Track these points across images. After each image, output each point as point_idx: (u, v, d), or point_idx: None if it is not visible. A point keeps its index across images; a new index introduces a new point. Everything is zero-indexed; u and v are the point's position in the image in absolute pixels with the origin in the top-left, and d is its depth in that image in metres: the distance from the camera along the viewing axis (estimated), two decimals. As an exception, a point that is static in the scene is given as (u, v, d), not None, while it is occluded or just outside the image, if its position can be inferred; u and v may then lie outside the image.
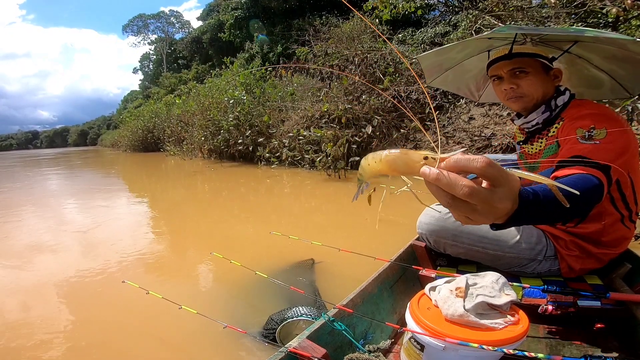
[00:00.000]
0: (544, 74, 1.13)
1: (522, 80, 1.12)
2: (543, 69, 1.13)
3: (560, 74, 1.15)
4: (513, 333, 0.83)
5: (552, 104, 1.13)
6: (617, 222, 1.07)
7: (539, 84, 1.12)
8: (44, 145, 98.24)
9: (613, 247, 1.12)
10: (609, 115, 1.01)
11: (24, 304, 1.81)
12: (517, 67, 1.12)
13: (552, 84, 1.14)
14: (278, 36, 15.00)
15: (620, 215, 1.07)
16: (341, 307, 0.94)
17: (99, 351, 1.39)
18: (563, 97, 1.13)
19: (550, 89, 1.14)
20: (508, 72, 1.14)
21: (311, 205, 4.31)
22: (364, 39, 7.33)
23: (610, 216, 1.07)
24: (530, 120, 1.17)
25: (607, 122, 0.97)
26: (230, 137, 9.01)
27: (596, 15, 3.71)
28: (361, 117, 6.13)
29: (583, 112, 1.04)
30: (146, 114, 19.03)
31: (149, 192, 6.23)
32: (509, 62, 1.13)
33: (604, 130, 0.95)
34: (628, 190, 1.04)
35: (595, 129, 0.95)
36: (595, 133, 0.95)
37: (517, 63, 1.12)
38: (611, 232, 1.09)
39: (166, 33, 44.02)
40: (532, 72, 1.12)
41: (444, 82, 1.52)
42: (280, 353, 0.79)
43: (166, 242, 2.77)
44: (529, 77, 1.12)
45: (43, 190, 7.13)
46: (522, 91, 1.13)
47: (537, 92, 1.13)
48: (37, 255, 2.62)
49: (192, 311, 1.18)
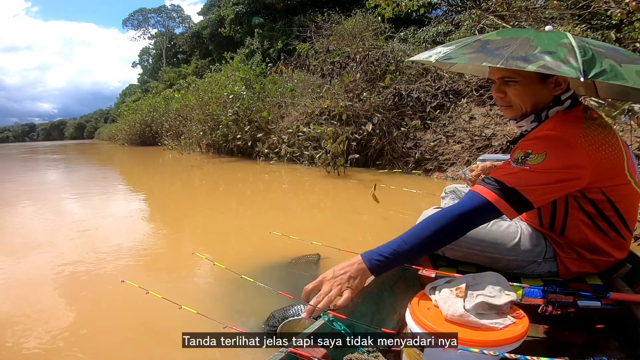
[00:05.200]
0: (538, 83, 1.03)
1: (510, 89, 1.05)
2: (538, 77, 1.03)
3: (565, 83, 1.04)
4: (513, 333, 0.82)
5: (543, 115, 1.06)
6: (599, 232, 1.06)
7: (528, 95, 1.04)
8: (41, 137, 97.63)
9: (606, 256, 1.09)
10: (562, 139, 0.96)
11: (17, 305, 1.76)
12: (507, 76, 1.05)
13: (548, 93, 1.04)
14: (279, 32, 14.93)
15: (599, 227, 1.05)
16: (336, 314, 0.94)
17: (98, 351, 1.37)
18: (558, 108, 1.05)
19: (545, 98, 1.05)
20: (499, 79, 1.07)
21: (309, 202, 4.30)
22: (366, 36, 7.30)
23: (589, 227, 1.05)
24: (520, 126, 1.13)
25: (553, 147, 0.94)
26: (229, 132, 8.98)
27: (600, 17, 3.71)
28: (361, 115, 6.11)
29: (539, 133, 1.00)
30: (144, 108, 18.96)
31: (146, 186, 6.21)
32: (501, 68, 1.02)
33: (542, 155, 0.94)
34: (604, 205, 1.02)
35: (531, 154, 0.95)
36: (530, 159, 0.95)
37: (508, 71, 1.03)
38: (597, 242, 1.07)
39: (166, 27, 43.81)
40: (522, 82, 1.03)
41: (464, 69, 1.49)
42: (280, 353, 0.78)
43: (164, 240, 2.73)
44: (516, 87, 1.04)
45: (38, 182, 7.10)
46: (509, 100, 1.07)
47: (524, 102, 1.06)
48: (32, 252, 2.57)
49: (192, 311, 1.17)
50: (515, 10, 4.17)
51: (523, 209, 0.96)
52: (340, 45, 7.48)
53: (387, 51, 6.97)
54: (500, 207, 0.94)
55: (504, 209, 0.94)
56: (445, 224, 0.94)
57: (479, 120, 5.54)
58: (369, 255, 0.96)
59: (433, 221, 0.95)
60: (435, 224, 0.95)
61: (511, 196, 0.94)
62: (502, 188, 0.94)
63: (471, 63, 1.04)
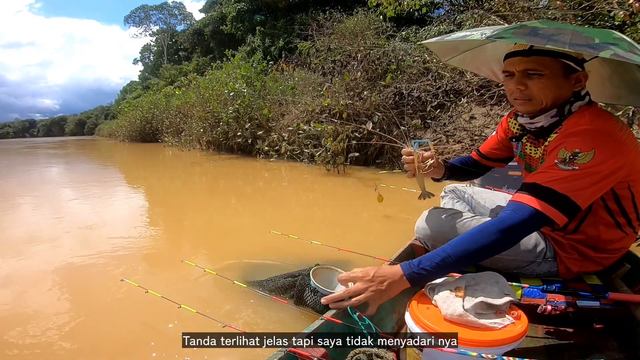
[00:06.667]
0: (563, 78, 1.00)
1: (533, 82, 1.00)
2: (564, 71, 0.99)
3: (585, 79, 1.02)
4: (512, 333, 0.82)
5: (566, 109, 1.03)
6: (615, 229, 1.06)
7: (552, 89, 1.00)
8: (41, 133, 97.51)
9: (612, 252, 1.10)
10: (606, 132, 0.93)
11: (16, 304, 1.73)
12: (531, 68, 0.99)
13: (569, 88, 1.02)
14: (280, 30, 14.89)
15: (618, 223, 1.05)
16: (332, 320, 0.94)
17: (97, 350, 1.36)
18: (580, 103, 1.02)
19: (565, 94, 1.02)
20: (521, 71, 1.01)
21: (309, 200, 4.30)
22: (368, 35, 7.28)
23: (606, 225, 1.05)
24: (535, 122, 1.08)
25: (600, 141, 0.91)
26: (230, 129, 8.97)
27: (603, 18, 3.69)
28: (362, 113, 6.11)
29: (578, 127, 0.95)
30: (145, 104, 18.94)
31: (145, 182, 6.21)
32: (526, 59, 1.00)
33: (591, 153, 0.90)
34: (627, 202, 1.02)
35: (580, 153, 0.90)
36: (578, 157, 0.90)
37: (533, 63, 0.99)
38: (609, 238, 1.07)
39: (168, 24, 43.73)
40: (548, 75, 0.99)
41: (462, 61, 1.42)
42: (280, 353, 0.78)
43: (163, 239, 2.70)
44: (542, 80, 0.99)
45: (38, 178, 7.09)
46: (531, 93, 1.02)
47: (546, 97, 1.01)
48: (30, 249, 2.55)
49: (191, 310, 1.17)
50: (517, 10, 4.16)
51: (574, 213, 0.93)
52: (342, 43, 7.46)
53: (388, 50, 6.96)
54: (551, 215, 0.91)
55: (554, 216, 0.91)
56: (494, 238, 0.91)
57: (479, 120, 5.53)
58: (410, 267, 0.93)
59: (479, 235, 0.92)
60: (482, 237, 0.91)
61: (562, 203, 0.90)
62: (552, 195, 0.91)
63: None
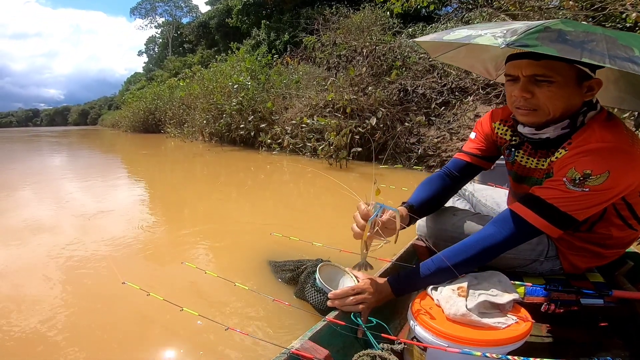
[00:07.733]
0: (575, 86, 0.88)
1: (541, 90, 0.88)
2: (577, 79, 0.87)
3: (599, 87, 0.90)
4: (516, 332, 0.82)
5: (578, 121, 0.92)
6: (626, 229, 1.05)
7: (562, 99, 0.88)
8: (44, 123, 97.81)
9: (619, 247, 1.10)
10: (619, 150, 0.85)
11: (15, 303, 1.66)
12: (541, 74, 0.86)
13: (580, 98, 0.90)
14: (286, 24, 14.81)
15: (629, 225, 1.04)
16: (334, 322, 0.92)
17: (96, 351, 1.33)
18: (593, 113, 0.93)
19: (575, 103, 0.91)
20: (528, 77, 0.88)
21: (310, 194, 4.28)
22: (374, 31, 7.23)
23: (618, 227, 1.04)
24: (541, 134, 0.96)
25: (614, 162, 0.84)
26: (233, 121, 8.96)
27: (614, 20, 3.64)
28: (366, 109, 6.08)
29: (589, 145, 0.86)
30: (148, 95, 18.95)
31: (147, 173, 6.20)
32: (535, 63, 0.86)
33: (604, 175, 0.83)
34: (638, 207, 1.00)
35: (592, 175, 0.83)
36: (590, 180, 0.84)
37: (544, 68, 0.86)
38: (620, 235, 1.06)
39: (174, 17, 43.61)
40: (559, 83, 0.86)
41: (454, 58, 1.29)
42: (283, 355, 0.78)
43: (163, 239, 2.64)
44: (551, 89, 0.87)
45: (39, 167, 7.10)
46: (537, 103, 0.90)
47: (555, 108, 0.89)
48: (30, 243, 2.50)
49: (193, 313, 1.15)
50: (527, 9, 4.10)
51: (569, 227, 0.93)
52: (348, 39, 7.41)
53: (394, 46, 6.90)
54: (546, 230, 0.92)
55: (550, 231, 0.92)
56: (490, 246, 0.94)
57: (484, 119, 5.48)
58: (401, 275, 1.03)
59: (478, 242, 0.95)
60: (480, 245, 0.95)
61: (562, 220, 0.90)
62: (553, 212, 0.90)
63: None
